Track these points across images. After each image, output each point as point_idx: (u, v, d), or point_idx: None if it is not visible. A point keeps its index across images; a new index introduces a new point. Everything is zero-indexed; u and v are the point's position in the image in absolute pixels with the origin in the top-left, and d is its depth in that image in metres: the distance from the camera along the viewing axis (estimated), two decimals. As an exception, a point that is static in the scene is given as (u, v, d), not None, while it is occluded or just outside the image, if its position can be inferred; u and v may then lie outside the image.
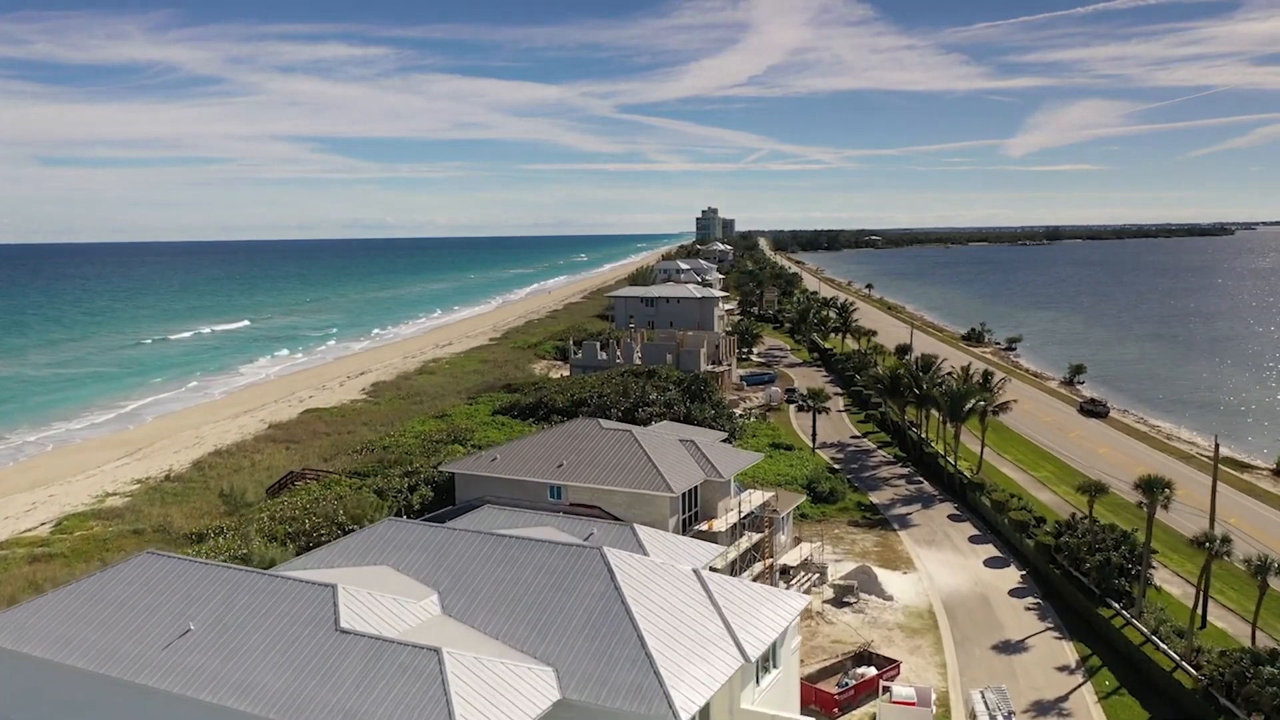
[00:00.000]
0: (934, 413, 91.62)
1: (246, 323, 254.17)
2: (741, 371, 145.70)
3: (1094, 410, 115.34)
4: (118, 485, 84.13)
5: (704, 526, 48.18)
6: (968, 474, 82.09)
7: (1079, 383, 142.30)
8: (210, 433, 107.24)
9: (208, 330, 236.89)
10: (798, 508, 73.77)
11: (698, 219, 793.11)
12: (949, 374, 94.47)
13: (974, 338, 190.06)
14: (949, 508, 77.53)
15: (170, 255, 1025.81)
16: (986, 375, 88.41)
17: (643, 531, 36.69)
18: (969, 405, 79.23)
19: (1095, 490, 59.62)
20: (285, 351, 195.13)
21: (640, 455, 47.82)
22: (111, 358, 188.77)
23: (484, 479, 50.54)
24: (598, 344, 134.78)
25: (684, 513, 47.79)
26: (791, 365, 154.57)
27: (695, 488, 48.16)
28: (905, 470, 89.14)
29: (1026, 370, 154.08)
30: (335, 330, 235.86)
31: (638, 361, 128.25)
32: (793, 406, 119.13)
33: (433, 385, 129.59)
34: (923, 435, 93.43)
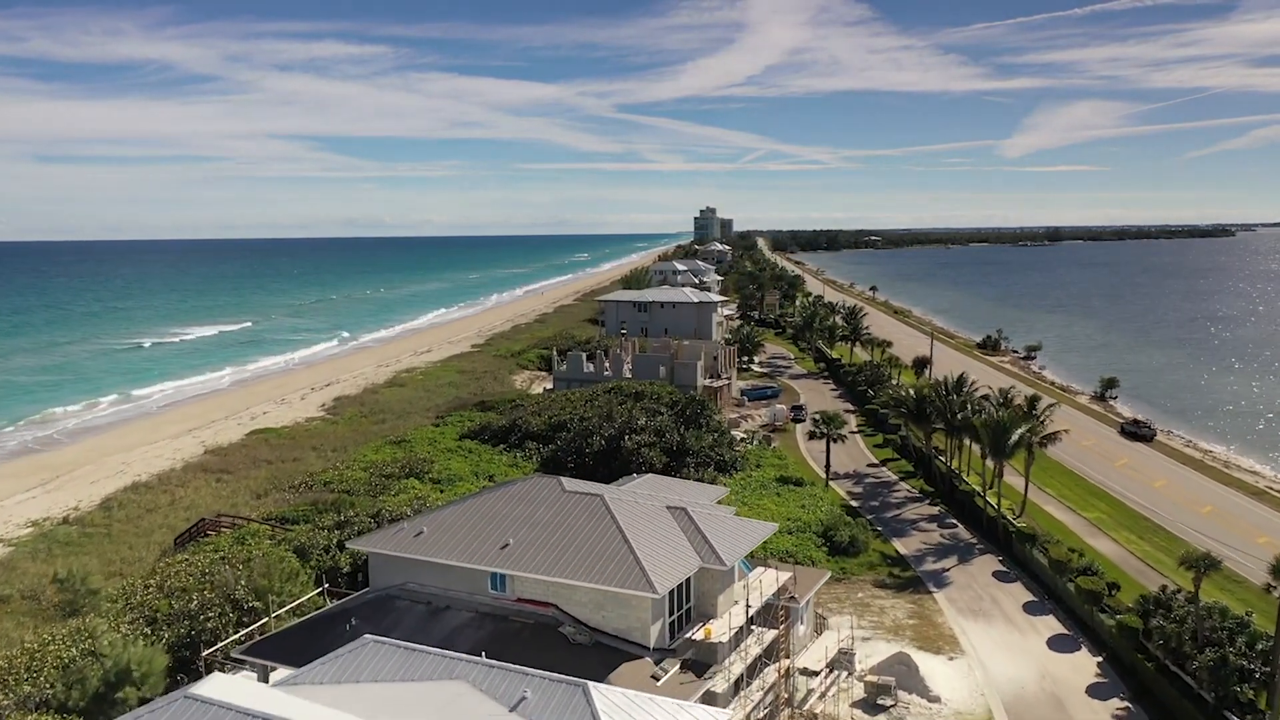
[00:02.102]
0: (967, 441, 79.09)
1: (221, 329, 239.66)
2: (742, 384, 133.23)
3: (1138, 432, 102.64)
4: (9, 528, 71.37)
5: (698, 634, 35.58)
6: (1009, 515, 69.74)
7: (1111, 398, 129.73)
8: (140, 458, 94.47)
9: (184, 334, 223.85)
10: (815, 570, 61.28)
11: (695, 218, 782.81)
12: (983, 396, 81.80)
13: (990, 346, 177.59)
14: (992, 562, 64.96)
15: (166, 253, 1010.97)
16: (1033, 401, 75.54)
17: (602, 698, 24.13)
18: (1014, 438, 66.56)
19: (1205, 565, 46.98)
20: (255, 358, 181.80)
21: (613, 534, 35.32)
22: (79, 366, 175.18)
23: (404, 561, 37.97)
24: (584, 355, 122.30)
25: (672, 614, 35.28)
26: (796, 376, 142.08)
27: (688, 579, 35.67)
28: (935, 510, 76.54)
29: (1052, 383, 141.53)
30: (312, 334, 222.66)
31: (628, 375, 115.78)
32: (799, 426, 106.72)
33: (400, 401, 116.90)
34: (953, 467, 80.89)
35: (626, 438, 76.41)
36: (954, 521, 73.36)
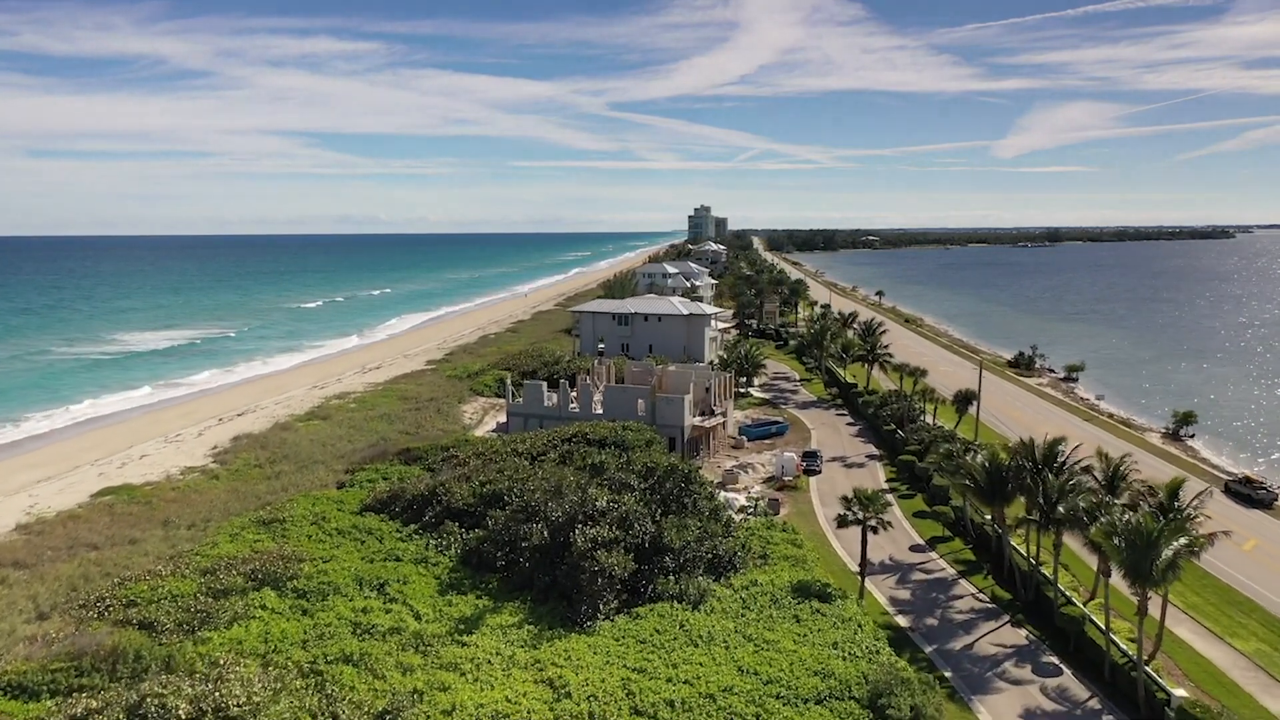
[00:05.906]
0: (1054, 527, 55.58)
1: (185, 332, 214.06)
2: (740, 414, 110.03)
3: (1253, 496, 79.26)
4: None
5: None
6: (1138, 653, 46.31)
7: (1188, 437, 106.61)
8: (-64, 532, 70.42)
9: (164, 339, 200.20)
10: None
11: (690, 217, 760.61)
12: (1085, 468, 58.04)
13: (1023, 364, 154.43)
14: (1137, 753, 41.64)
15: (157, 250, 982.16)
16: (1174, 491, 51.52)
17: None
18: (1167, 556, 42.91)
19: None
20: (187, 375, 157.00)
21: None
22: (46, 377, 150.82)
23: None
24: (544, 385, 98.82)
25: None
26: (804, 405, 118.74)
27: None
28: (1021, 636, 53.07)
29: (1111, 416, 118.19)
30: (262, 345, 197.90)
31: (598, 412, 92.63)
32: (814, 481, 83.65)
33: (311, 442, 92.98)
34: (1037, 563, 57.51)
35: (577, 529, 52.90)
36: (1055, 662, 49.98)
